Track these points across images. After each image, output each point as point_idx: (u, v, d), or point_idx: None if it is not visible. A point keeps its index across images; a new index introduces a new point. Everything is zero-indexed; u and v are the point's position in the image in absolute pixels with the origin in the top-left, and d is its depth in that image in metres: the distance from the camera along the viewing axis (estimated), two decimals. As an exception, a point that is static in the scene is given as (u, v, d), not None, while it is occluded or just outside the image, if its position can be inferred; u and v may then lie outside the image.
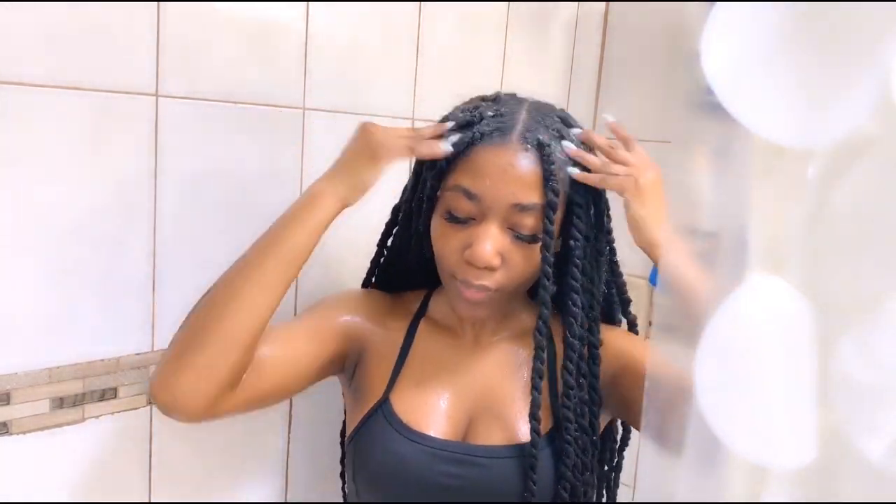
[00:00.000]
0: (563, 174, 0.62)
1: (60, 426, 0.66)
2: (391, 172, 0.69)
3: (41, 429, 0.65)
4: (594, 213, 0.65)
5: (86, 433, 0.68)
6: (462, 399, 0.66)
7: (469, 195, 0.60)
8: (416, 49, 0.88)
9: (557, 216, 0.62)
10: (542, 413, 0.63)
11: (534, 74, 1.06)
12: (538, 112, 0.63)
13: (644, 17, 1.06)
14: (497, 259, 0.60)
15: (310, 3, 0.77)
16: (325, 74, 0.80)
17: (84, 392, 0.67)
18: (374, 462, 0.64)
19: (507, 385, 0.67)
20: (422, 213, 0.67)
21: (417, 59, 0.89)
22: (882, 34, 0.32)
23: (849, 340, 0.35)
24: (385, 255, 0.76)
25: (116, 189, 0.66)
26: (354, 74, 0.82)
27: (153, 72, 0.67)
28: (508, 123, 0.61)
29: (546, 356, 0.64)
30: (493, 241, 0.59)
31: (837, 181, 0.35)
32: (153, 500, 0.74)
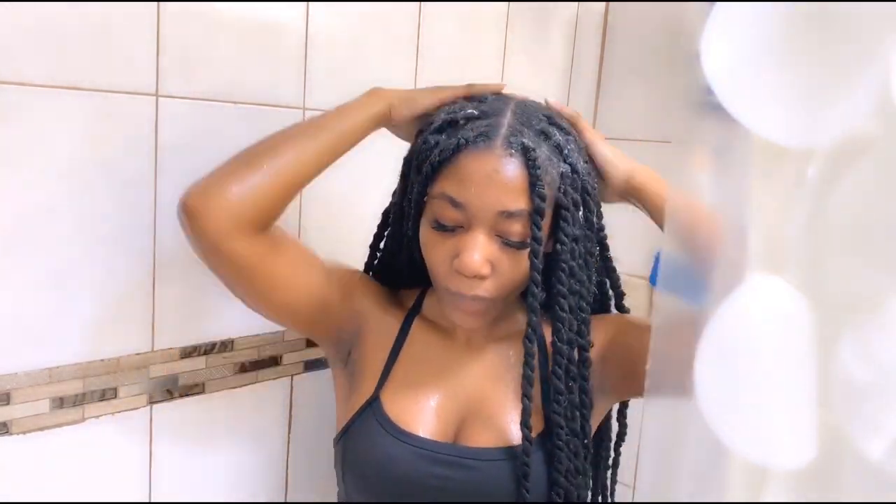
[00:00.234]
0: (550, 177, 0.61)
1: (60, 426, 0.66)
2: (386, 169, 0.69)
3: (41, 429, 0.65)
4: (583, 214, 0.64)
5: (86, 433, 0.68)
6: (453, 400, 0.66)
7: (455, 203, 0.59)
8: (416, 49, 0.88)
9: (546, 220, 0.61)
10: (534, 416, 0.63)
11: (534, 74, 1.06)
12: (523, 113, 0.62)
13: (644, 17, 1.06)
14: (486, 268, 0.59)
15: (310, 3, 0.77)
16: (325, 74, 0.80)
17: (84, 392, 0.67)
18: (363, 462, 0.64)
19: (499, 387, 0.66)
20: (410, 218, 0.66)
21: (417, 59, 0.89)
22: (882, 34, 0.32)
23: (849, 340, 0.35)
24: (377, 257, 0.76)
25: (116, 189, 0.66)
26: (354, 74, 0.82)
27: (153, 72, 0.67)
28: (493, 127, 0.60)
29: (538, 359, 0.64)
30: (481, 250, 0.58)
31: (837, 181, 0.35)
32: (153, 500, 0.74)
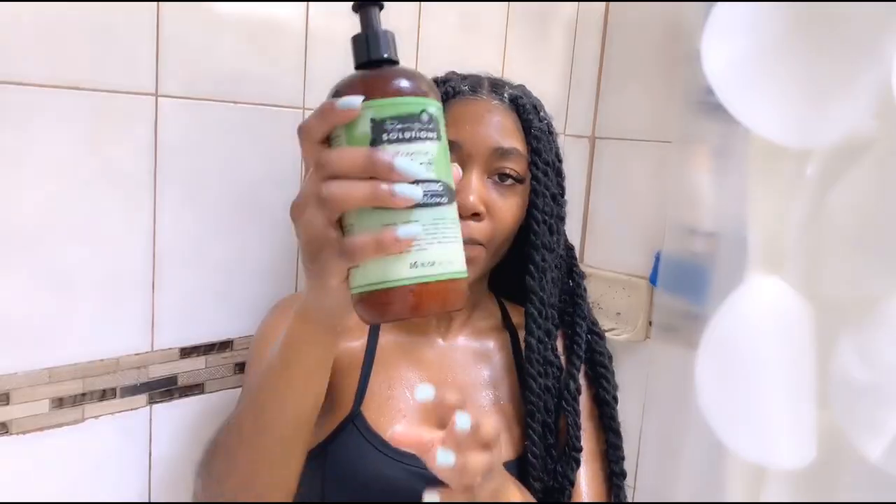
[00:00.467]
0: (535, 128, 0.66)
1: (60, 426, 0.66)
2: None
3: (41, 429, 0.65)
4: (554, 177, 0.69)
5: (85, 433, 0.68)
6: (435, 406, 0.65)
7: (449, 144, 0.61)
8: (416, 49, 0.88)
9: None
10: (512, 428, 0.64)
11: (534, 74, 1.06)
12: (501, 79, 0.71)
13: (644, 17, 1.06)
14: (481, 205, 0.62)
15: (309, 3, 0.77)
16: (325, 74, 0.80)
17: (84, 392, 0.67)
18: (350, 478, 0.62)
19: (486, 392, 0.67)
20: None
21: (417, 59, 0.89)
22: (882, 34, 0.32)
23: (848, 340, 0.35)
24: None
25: (116, 189, 0.66)
26: (354, 74, 0.82)
27: (153, 71, 0.66)
28: (478, 83, 0.67)
29: (510, 347, 0.67)
30: (476, 191, 0.62)
31: (836, 181, 0.35)
32: (152, 501, 0.74)
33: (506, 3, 0.99)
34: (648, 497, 0.39)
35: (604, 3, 1.12)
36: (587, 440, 0.68)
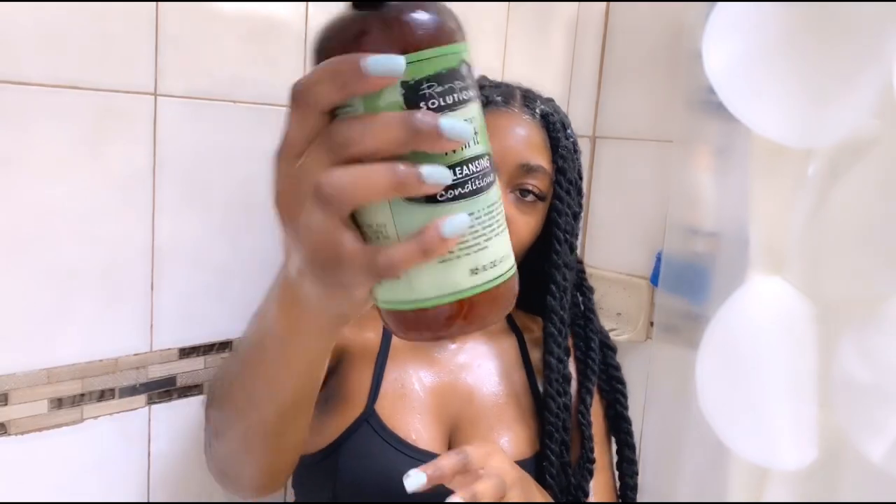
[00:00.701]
0: (562, 146, 0.65)
1: (59, 427, 0.66)
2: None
3: (39, 429, 0.65)
4: (575, 180, 0.68)
5: (84, 434, 0.68)
6: (447, 405, 0.65)
7: None
8: (416, 49, 0.88)
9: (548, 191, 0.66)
10: (526, 431, 0.64)
11: (534, 74, 1.06)
12: (531, 92, 0.69)
13: (645, 17, 1.06)
14: None
15: (309, 3, 0.77)
16: (325, 74, 0.79)
17: (83, 393, 0.67)
18: (366, 478, 0.61)
19: (496, 390, 0.66)
20: None
21: (417, 59, 0.88)
22: (883, 34, 0.32)
23: (849, 341, 0.35)
24: None
25: (115, 188, 0.66)
26: (354, 74, 0.82)
27: (152, 71, 0.66)
28: (510, 94, 0.66)
29: (518, 348, 0.66)
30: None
31: (838, 181, 0.35)
32: (151, 501, 0.74)
33: (506, 3, 0.99)
34: (649, 497, 0.38)
35: (604, 3, 1.11)
36: (600, 453, 0.68)
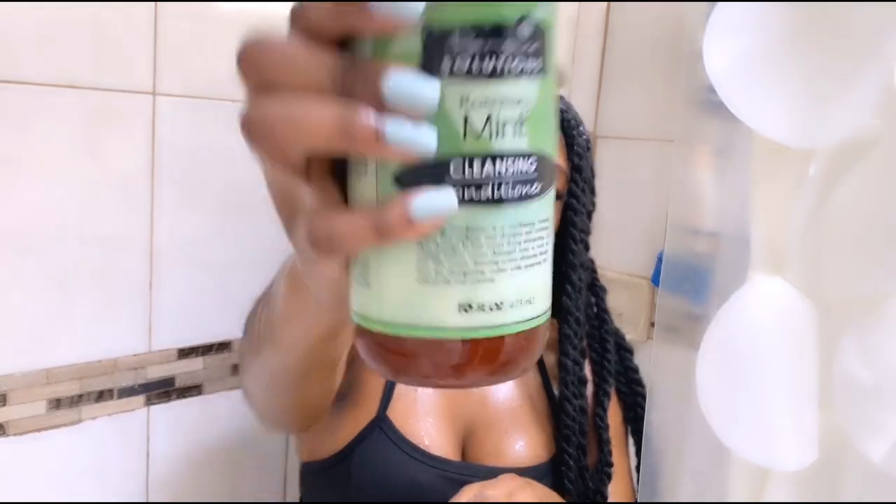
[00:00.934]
0: (577, 143, 0.64)
1: (57, 427, 0.66)
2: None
3: (38, 430, 0.65)
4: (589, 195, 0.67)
5: (83, 434, 0.68)
6: (460, 409, 0.64)
7: None
8: (416, 48, 0.88)
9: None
10: (541, 435, 0.63)
11: (533, 74, 1.06)
12: None
13: (645, 17, 1.06)
14: None
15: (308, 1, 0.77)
16: (324, 74, 0.79)
17: (81, 393, 0.67)
18: (383, 486, 0.60)
19: (511, 395, 0.65)
20: None
21: (417, 59, 0.88)
22: (884, 33, 0.32)
23: (850, 341, 0.35)
24: None
25: (113, 188, 0.66)
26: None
27: (150, 70, 0.66)
28: None
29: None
30: None
31: (839, 180, 0.35)
32: (150, 501, 0.73)
33: (505, 3, 0.99)
34: (650, 498, 0.38)
35: (604, 3, 1.11)
36: (618, 457, 0.67)
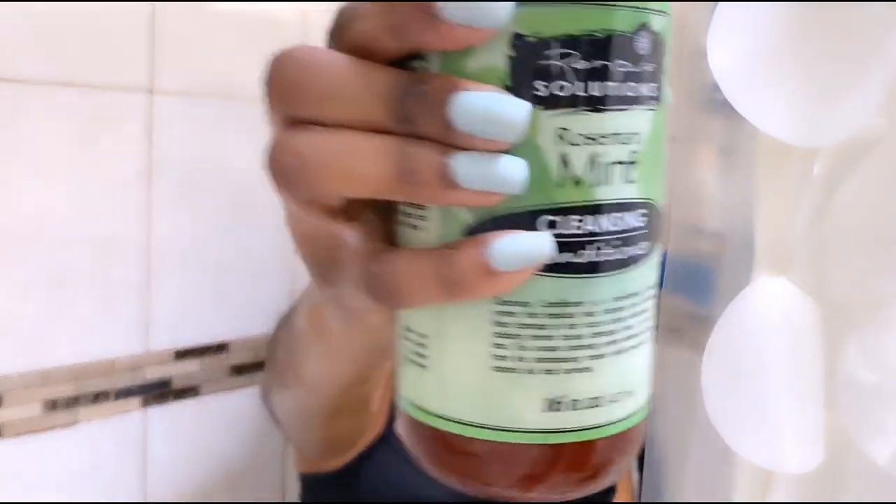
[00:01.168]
0: None
1: (53, 429, 0.65)
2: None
3: (33, 432, 0.64)
4: None
5: (79, 436, 0.67)
6: None
7: None
8: (414, 47, 0.88)
9: None
10: None
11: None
12: None
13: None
14: None
15: (309, 2, 0.76)
16: (322, 72, 0.79)
17: (77, 395, 0.66)
18: (386, 492, 0.60)
19: None
20: None
21: (415, 58, 0.88)
22: (889, 32, 0.32)
23: (856, 342, 0.34)
24: None
25: (110, 187, 0.66)
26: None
27: (147, 68, 0.66)
28: None
29: None
30: None
31: (844, 180, 0.35)
32: (149, 502, 0.73)
33: (504, 2, 0.99)
34: (653, 499, 0.38)
35: (602, 2, 1.11)
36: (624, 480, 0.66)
